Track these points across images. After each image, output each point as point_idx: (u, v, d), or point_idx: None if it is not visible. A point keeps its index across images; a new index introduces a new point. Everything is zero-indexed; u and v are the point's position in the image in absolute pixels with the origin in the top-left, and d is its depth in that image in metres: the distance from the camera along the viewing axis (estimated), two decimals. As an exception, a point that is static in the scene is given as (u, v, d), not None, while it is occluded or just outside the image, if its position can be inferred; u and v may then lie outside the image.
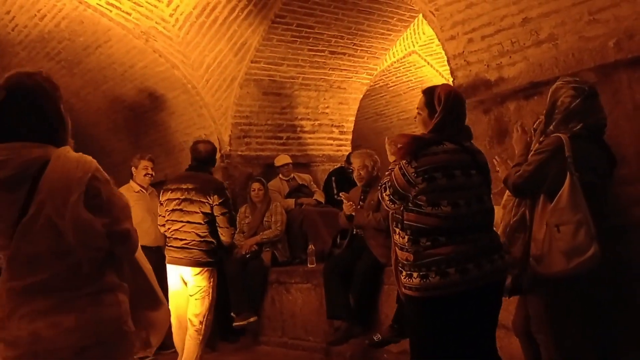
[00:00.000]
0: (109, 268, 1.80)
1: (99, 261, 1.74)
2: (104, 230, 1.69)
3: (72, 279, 1.70)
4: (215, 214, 4.34)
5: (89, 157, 1.78)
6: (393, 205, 2.55)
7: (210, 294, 4.31)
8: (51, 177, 1.68)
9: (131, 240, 1.80)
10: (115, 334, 1.75)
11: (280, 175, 6.48)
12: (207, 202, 4.33)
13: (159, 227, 4.67)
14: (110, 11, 5.56)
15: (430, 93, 2.61)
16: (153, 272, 2.04)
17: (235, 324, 5.27)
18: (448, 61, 4.10)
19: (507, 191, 2.94)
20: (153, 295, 2.01)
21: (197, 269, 4.28)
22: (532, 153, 2.71)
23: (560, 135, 2.58)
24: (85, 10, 5.55)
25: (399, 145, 2.48)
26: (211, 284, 4.32)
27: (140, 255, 2.00)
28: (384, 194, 2.56)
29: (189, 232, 4.33)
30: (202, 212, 4.33)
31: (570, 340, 2.62)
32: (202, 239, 4.32)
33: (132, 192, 5.50)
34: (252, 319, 5.29)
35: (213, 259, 4.36)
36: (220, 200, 4.33)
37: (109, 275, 1.79)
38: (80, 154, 1.79)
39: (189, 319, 4.28)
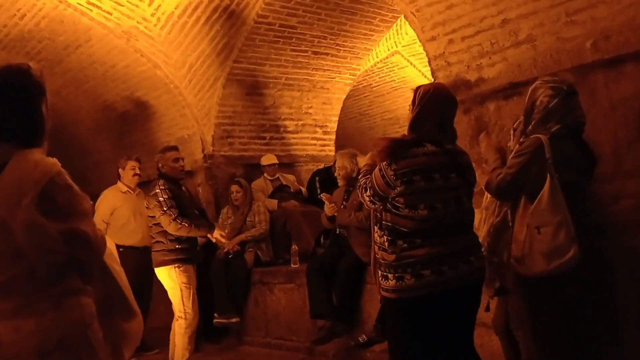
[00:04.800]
0: (72, 272, 1.75)
1: (57, 266, 1.69)
2: (60, 236, 1.64)
3: (30, 283, 1.65)
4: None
5: (52, 160, 1.72)
6: (373, 206, 2.57)
7: (180, 290, 4.25)
8: (6, 178, 1.63)
9: (92, 244, 1.74)
10: (78, 338, 1.70)
11: (265, 175, 6.48)
12: (146, 206, 4.45)
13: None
14: (91, 10, 5.51)
15: (416, 89, 2.63)
16: (127, 281, 2.00)
17: (216, 320, 5.26)
18: (429, 62, 4.13)
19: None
20: (126, 305, 1.96)
21: (157, 270, 4.33)
22: (512, 155, 2.71)
23: (540, 136, 2.59)
24: (65, 10, 5.49)
25: (378, 148, 2.49)
26: (175, 281, 4.27)
27: (113, 261, 1.95)
28: (364, 195, 2.57)
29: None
30: (150, 216, 4.43)
31: (549, 338, 2.64)
32: (155, 240, 4.38)
33: (119, 193, 5.61)
34: (234, 320, 5.29)
35: (169, 257, 4.30)
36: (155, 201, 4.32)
37: (71, 279, 1.74)
38: (43, 156, 1.73)
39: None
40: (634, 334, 2.99)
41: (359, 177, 2.71)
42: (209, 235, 4.47)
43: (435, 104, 2.54)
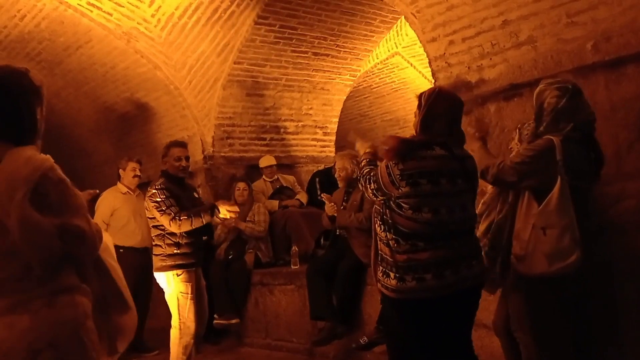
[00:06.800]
0: (67, 269, 1.75)
1: (51, 263, 1.69)
2: (55, 231, 1.64)
3: (24, 280, 1.66)
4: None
5: (44, 156, 1.73)
6: (376, 199, 2.56)
7: (177, 299, 4.08)
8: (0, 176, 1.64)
9: (86, 241, 1.73)
10: (70, 337, 1.71)
11: (264, 177, 6.48)
12: (146, 208, 4.21)
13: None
14: (91, 11, 5.51)
15: (421, 94, 2.62)
16: (123, 275, 2.01)
17: (215, 321, 5.24)
18: (430, 63, 4.12)
19: (490, 187, 2.96)
20: (120, 299, 1.96)
21: (156, 274, 4.17)
22: (521, 147, 2.74)
23: (552, 137, 2.59)
24: (65, 11, 5.49)
25: (387, 147, 2.47)
26: (173, 289, 4.09)
27: (109, 256, 1.96)
28: (368, 186, 2.55)
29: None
30: (149, 217, 4.22)
31: (549, 338, 2.64)
32: (154, 243, 4.19)
33: (119, 194, 5.61)
34: (233, 321, 5.28)
35: (167, 262, 4.09)
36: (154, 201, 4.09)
37: (66, 276, 1.75)
38: (35, 153, 1.73)
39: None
40: (634, 335, 2.99)
41: (361, 164, 2.69)
42: (216, 218, 4.26)
43: (442, 104, 2.53)
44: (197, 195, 4.50)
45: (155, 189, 4.10)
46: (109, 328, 1.94)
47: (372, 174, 2.55)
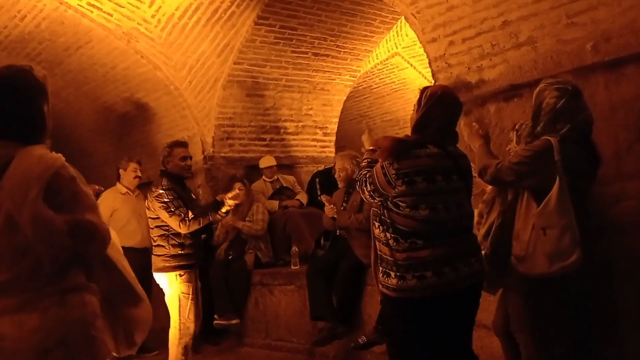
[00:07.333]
0: (75, 268, 1.77)
1: (62, 261, 1.71)
2: (66, 227, 1.65)
3: (34, 278, 1.67)
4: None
5: (55, 155, 1.75)
6: (373, 200, 2.57)
7: (178, 300, 4.06)
8: (12, 174, 1.66)
9: (97, 236, 1.74)
10: (80, 337, 1.72)
11: (264, 177, 6.49)
12: (147, 207, 4.17)
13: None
14: (92, 12, 5.51)
15: (423, 90, 2.63)
16: (131, 268, 2.01)
17: (216, 322, 5.24)
18: (430, 63, 4.13)
19: (489, 187, 2.97)
20: (131, 292, 1.97)
21: (156, 275, 4.14)
22: (518, 150, 2.75)
23: (549, 138, 2.59)
24: (66, 11, 5.50)
25: (381, 147, 2.49)
26: (175, 289, 4.07)
27: (115, 252, 1.96)
28: (364, 188, 2.56)
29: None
30: (151, 217, 4.19)
31: (549, 338, 2.65)
32: (155, 244, 4.16)
33: (118, 194, 5.62)
34: (234, 321, 5.27)
35: (170, 263, 4.07)
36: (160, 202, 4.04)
37: (74, 275, 1.76)
38: (47, 151, 1.75)
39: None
40: (634, 335, 2.99)
41: (362, 164, 2.70)
42: (219, 214, 4.28)
43: (441, 108, 2.54)
44: (194, 197, 4.49)
45: (162, 189, 4.06)
46: (124, 323, 1.95)
47: (367, 176, 2.56)
